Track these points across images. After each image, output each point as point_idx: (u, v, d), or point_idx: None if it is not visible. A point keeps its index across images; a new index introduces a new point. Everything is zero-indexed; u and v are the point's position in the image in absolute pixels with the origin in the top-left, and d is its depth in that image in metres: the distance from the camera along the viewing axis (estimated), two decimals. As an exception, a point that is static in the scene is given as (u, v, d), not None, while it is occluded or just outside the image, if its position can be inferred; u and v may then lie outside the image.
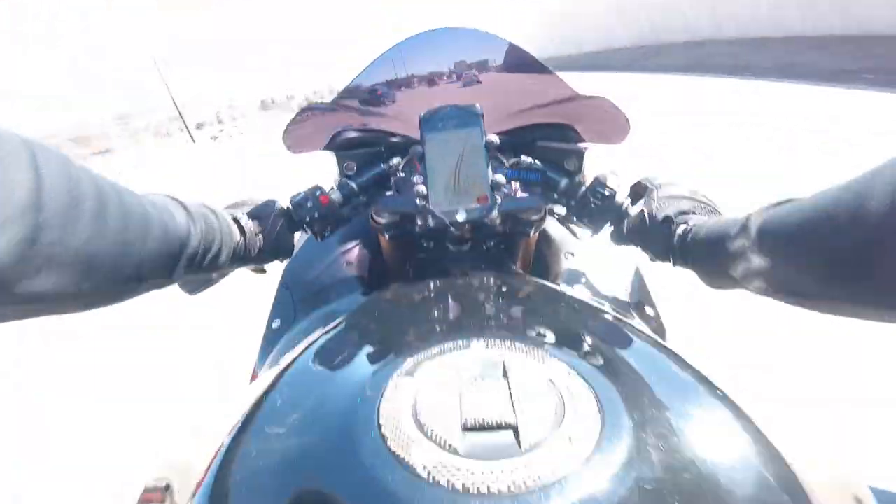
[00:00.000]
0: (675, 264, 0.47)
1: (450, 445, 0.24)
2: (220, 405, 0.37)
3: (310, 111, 0.62)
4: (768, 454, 0.26)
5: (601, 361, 0.32)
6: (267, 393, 0.32)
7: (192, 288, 0.51)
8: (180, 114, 15.89)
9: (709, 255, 0.42)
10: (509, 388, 0.27)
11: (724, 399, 0.29)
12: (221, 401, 1.35)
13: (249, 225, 0.51)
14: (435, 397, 0.27)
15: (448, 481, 0.22)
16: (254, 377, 0.59)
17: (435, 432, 0.25)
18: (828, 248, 0.30)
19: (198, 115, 20.04)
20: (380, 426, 0.26)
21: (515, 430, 0.25)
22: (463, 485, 0.22)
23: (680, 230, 0.46)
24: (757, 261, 0.35)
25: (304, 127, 0.62)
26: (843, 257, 0.29)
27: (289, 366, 0.35)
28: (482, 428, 0.25)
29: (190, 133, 15.52)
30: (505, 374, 0.29)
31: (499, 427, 0.25)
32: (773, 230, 0.34)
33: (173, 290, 0.46)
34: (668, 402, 0.28)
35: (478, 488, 0.22)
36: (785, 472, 0.25)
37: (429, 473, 0.23)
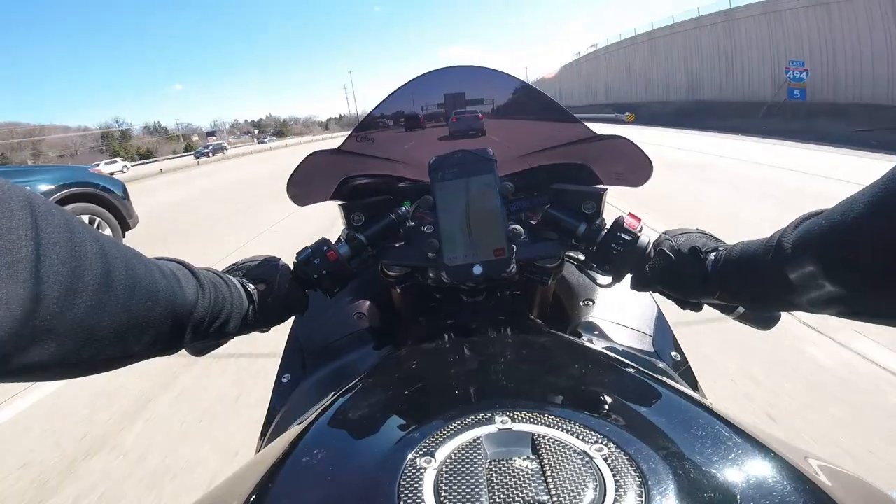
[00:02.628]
0: (710, 296, 0.44)
1: None
2: (234, 469, 0.36)
3: (314, 159, 0.58)
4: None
5: (637, 427, 0.30)
6: (282, 465, 0.30)
7: (198, 350, 0.48)
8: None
9: (750, 279, 0.39)
10: (541, 464, 0.25)
11: (768, 452, 0.27)
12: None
13: (257, 290, 0.48)
14: (460, 478, 0.25)
15: None
16: (265, 429, 0.57)
17: None
18: (875, 251, 0.28)
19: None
20: None
21: None
22: None
23: (712, 257, 0.43)
24: (814, 280, 0.33)
25: (308, 177, 0.59)
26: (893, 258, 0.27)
27: (304, 433, 0.33)
28: None
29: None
30: (535, 449, 0.26)
31: None
32: (814, 241, 0.32)
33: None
34: (712, 466, 0.26)
35: None
36: None
37: None
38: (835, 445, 1.39)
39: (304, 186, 0.60)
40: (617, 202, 4.13)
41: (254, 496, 0.27)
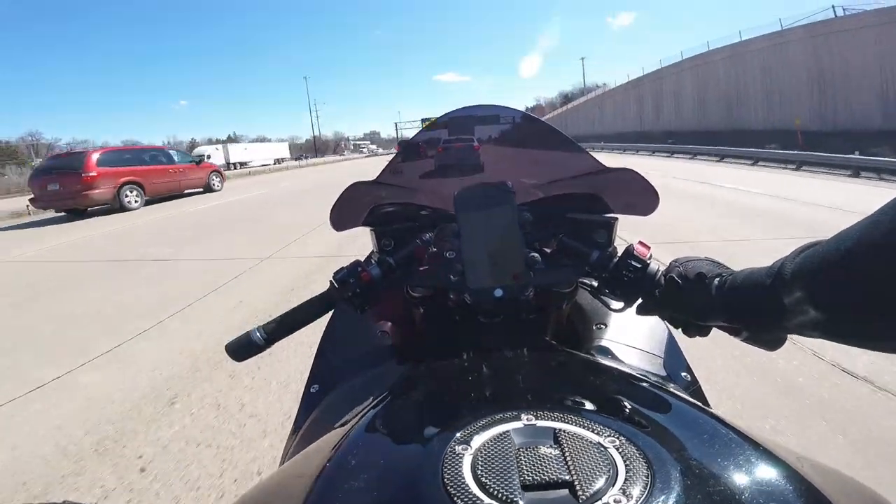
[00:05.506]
0: (716, 320, 0.46)
1: (511, 501, 0.26)
2: (279, 466, 0.38)
3: (351, 190, 0.64)
4: None
5: (646, 424, 0.34)
6: (333, 459, 0.34)
7: (239, 355, 0.54)
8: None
9: (751, 303, 0.41)
10: (563, 452, 0.29)
11: (767, 454, 0.31)
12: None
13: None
14: (493, 461, 0.29)
15: None
16: (292, 436, 0.61)
17: (497, 491, 0.27)
18: (873, 282, 0.30)
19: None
20: (444, 485, 0.27)
21: (572, 487, 0.27)
22: None
23: (716, 282, 0.45)
24: (801, 307, 0.35)
25: (345, 206, 0.65)
26: (889, 289, 0.29)
27: (350, 432, 0.37)
28: (541, 486, 0.27)
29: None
30: (556, 440, 0.30)
31: (556, 485, 0.27)
32: (812, 272, 0.34)
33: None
34: (713, 458, 0.30)
35: None
36: None
37: None
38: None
39: (341, 214, 0.65)
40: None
41: (319, 482, 0.31)
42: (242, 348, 0.53)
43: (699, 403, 0.40)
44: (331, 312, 0.64)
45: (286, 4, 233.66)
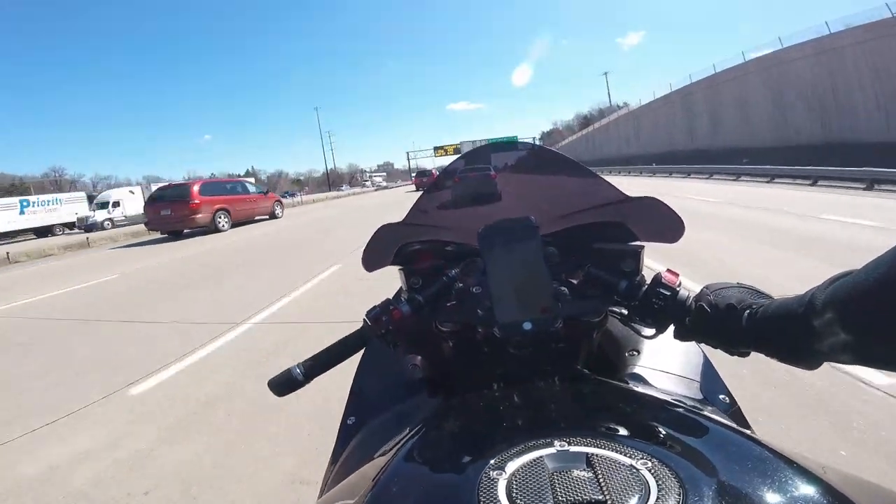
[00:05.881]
0: (746, 349, 0.46)
1: None
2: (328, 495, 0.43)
3: (380, 232, 0.68)
4: None
5: (678, 447, 0.34)
6: (374, 488, 0.35)
7: (280, 390, 0.57)
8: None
9: (781, 333, 0.41)
10: (595, 475, 0.30)
11: (809, 475, 0.30)
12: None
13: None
14: (527, 485, 0.30)
15: None
16: (330, 466, 0.64)
17: None
18: (884, 304, 0.31)
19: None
20: None
21: None
22: None
23: (747, 314, 0.45)
24: (832, 333, 0.35)
25: (375, 247, 0.69)
26: None
27: (389, 461, 0.39)
28: None
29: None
30: (589, 464, 0.31)
31: None
32: (844, 301, 0.34)
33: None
34: (748, 477, 0.30)
35: None
36: None
37: None
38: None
39: (372, 254, 0.70)
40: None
41: (371, 501, 0.33)
42: (283, 384, 0.57)
43: (734, 425, 0.41)
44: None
45: (305, 39, 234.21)
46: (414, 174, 40.79)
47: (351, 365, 0.70)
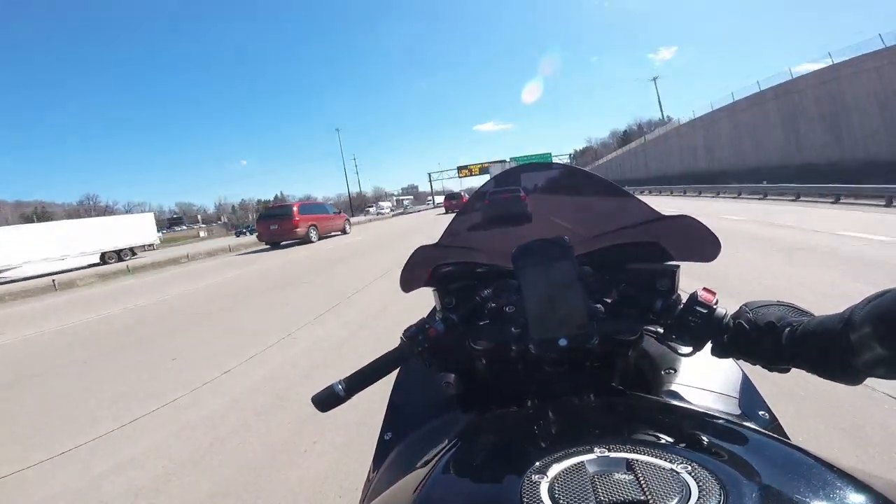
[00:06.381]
0: (786, 365, 0.47)
1: None
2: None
3: (417, 253, 0.70)
4: None
5: (719, 453, 0.35)
6: (417, 496, 0.36)
7: (324, 406, 0.59)
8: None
9: (822, 351, 0.42)
10: (636, 477, 0.30)
11: (853, 480, 0.30)
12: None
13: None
14: (569, 486, 0.31)
15: None
16: (369, 481, 0.65)
17: None
18: None
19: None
20: None
21: None
22: None
23: (787, 332, 0.45)
24: (869, 348, 0.36)
25: (411, 269, 0.71)
26: None
27: (433, 468, 0.40)
28: None
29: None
30: (629, 468, 0.32)
31: None
32: (881, 317, 0.35)
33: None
34: (789, 482, 0.30)
35: None
36: None
37: None
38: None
39: (409, 275, 0.72)
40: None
41: None
42: (326, 399, 0.59)
43: (778, 436, 0.40)
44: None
45: (333, 64, 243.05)
46: (430, 197, 39.15)
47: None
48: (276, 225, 15.89)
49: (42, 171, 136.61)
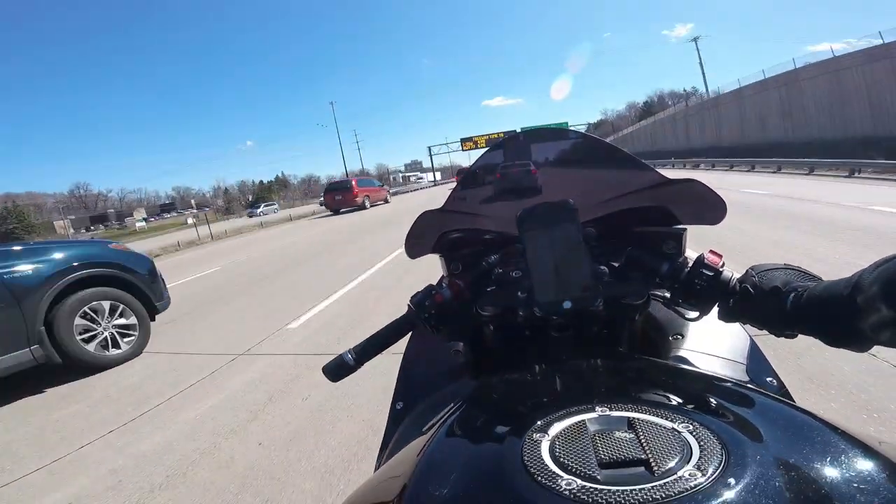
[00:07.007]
0: (791, 331, 0.46)
1: (590, 476, 0.28)
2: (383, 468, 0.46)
3: (422, 218, 0.68)
4: None
5: (723, 414, 0.35)
6: (421, 458, 0.37)
7: (335, 376, 0.60)
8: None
9: (827, 316, 0.41)
10: (637, 436, 0.31)
11: (858, 443, 0.30)
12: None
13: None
14: (570, 444, 0.31)
15: (593, 500, 0.26)
16: (383, 447, 0.65)
17: (575, 468, 0.29)
18: None
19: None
20: (525, 466, 0.30)
21: (647, 465, 0.28)
22: (606, 501, 0.26)
23: (792, 297, 0.45)
24: (879, 314, 0.35)
25: (418, 233, 0.70)
26: None
27: (437, 430, 0.41)
28: (617, 464, 0.29)
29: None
30: (630, 427, 0.32)
31: (632, 463, 0.29)
32: (889, 280, 0.34)
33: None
34: (793, 442, 0.30)
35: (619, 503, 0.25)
36: None
37: (575, 496, 0.26)
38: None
39: (414, 241, 0.71)
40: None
41: (412, 479, 0.34)
42: (337, 369, 0.60)
43: (784, 399, 0.39)
44: (408, 336, 0.67)
45: (338, 40, 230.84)
46: (424, 174, 37.84)
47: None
48: (340, 196, 20.86)
49: (32, 162, 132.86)
